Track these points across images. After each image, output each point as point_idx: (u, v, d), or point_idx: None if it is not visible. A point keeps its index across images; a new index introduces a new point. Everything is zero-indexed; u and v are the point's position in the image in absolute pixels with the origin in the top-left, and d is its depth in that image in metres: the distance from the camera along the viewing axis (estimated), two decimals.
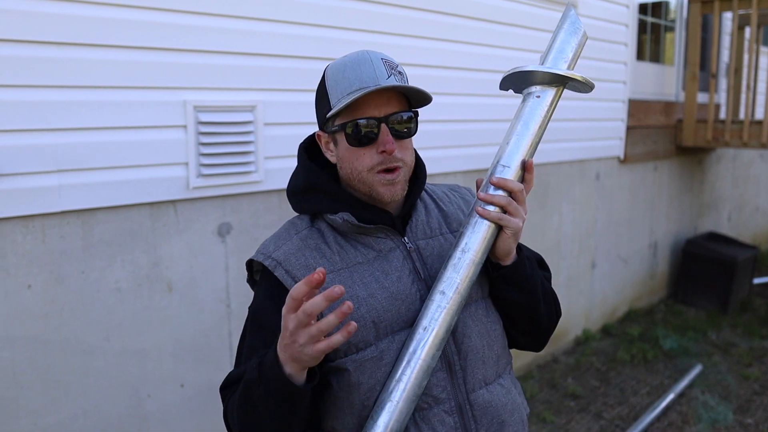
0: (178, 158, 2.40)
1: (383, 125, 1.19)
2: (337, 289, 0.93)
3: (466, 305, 1.26)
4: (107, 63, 2.18)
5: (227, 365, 2.62)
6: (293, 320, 0.98)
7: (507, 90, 1.34)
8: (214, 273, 2.59)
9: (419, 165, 1.34)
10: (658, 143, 5.43)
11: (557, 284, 4.50)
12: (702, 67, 5.68)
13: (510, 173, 1.22)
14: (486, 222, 1.20)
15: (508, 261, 1.27)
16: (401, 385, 1.16)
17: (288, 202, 1.36)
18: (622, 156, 4.99)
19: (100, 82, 2.17)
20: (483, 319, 1.30)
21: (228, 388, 1.24)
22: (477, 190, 1.26)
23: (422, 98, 1.24)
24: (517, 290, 1.29)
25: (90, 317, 2.27)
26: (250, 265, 1.32)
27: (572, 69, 1.27)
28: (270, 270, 1.22)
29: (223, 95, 2.49)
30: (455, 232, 1.34)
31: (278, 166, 2.64)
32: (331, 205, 1.25)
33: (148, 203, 2.37)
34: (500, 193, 1.20)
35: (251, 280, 1.35)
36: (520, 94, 1.31)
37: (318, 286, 0.95)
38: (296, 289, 0.96)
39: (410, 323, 1.22)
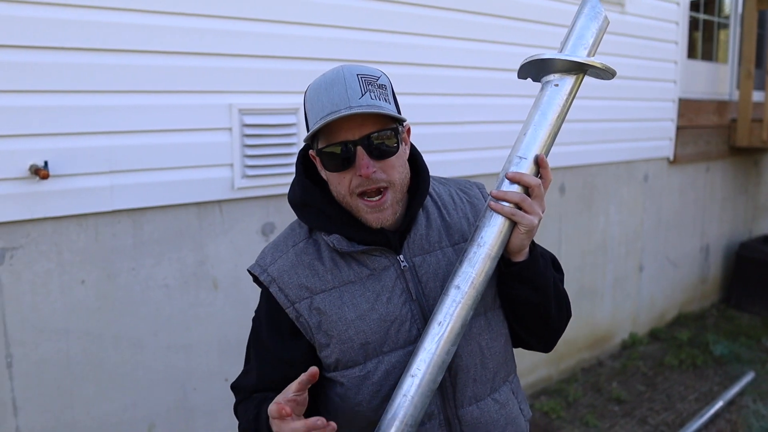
0: (223, 160, 2.48)
1: (359, 148, 1.15)
2: (319, 422, 1.04)
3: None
4: (157, 69, 2.27)
5: None
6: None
7: (525, 78, 1.30)
8: None
9: (421, 174, 1.30)
10: (711, 143, 5.28)
11: (602, 287, 4.44)
12: (758, 64, 5.49)
13: (526, 165, 1.18)
14: (502, 216, 1.18)
15: (520, 258, 1.23)
16: (416, 381, 1.16)
17: None
18: (671, 157, 4.88)
19: (150, 86, 2.26)
20: (477, 337, 1.27)
21: (237, 390, 1.37)
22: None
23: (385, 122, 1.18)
24: (528, 288, 1.26)
25: (140, 313, 2.36)
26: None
27: (593, 55, 1.22)
28: (266, 285, 1.26)
29: (267, 98, 2.56)
30: (456, 245, 1.30)
31: None
32: (325, 224, 1.24)
33: (195, 203, 2.45)
34: (515, 188, 1.17)
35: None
36: (539, 83, 1.26)
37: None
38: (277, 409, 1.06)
39: (400, 344, 1.22)
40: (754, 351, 4.69)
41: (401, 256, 1.25)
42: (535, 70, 1.25)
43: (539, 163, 1.18)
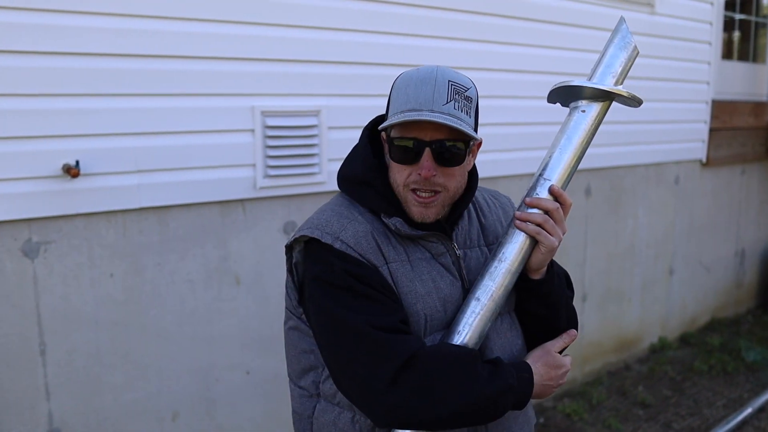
0: (246, 160, 2.57)
1: (427, 149, 1.19)
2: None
3: None
4: (183, 73, 2.38)
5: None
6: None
7: (554, 103, 1.36)
8: (279, 268, 2.74)
9: (472, 177, 1.35)
10: (747, 146, 5.18)
11: (630, 290, 4.40)
12: None
13: (551, 185, 1.27)
14: (524, 234, 1.25)
15: (538, 276, 1.31)
16: None
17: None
18: (704, 159, 4.80)
19: (176, 90, 2.37)
20: (507, 334, 1.34)
21: (414, 369, 1.16)
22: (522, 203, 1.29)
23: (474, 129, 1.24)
24: (542, 305, 1.34)
25: (165, 305, 2.47)
26: (305, 240, 1.26)
27: (621, 83, 1.29)
28: (342, 251, 1.21)
29: (289, 101, 2.64)
30: (491, 245, 1.37)
31: None
32: (385, 206, 1.26)
33: (218, 202, 2.55)
34: (536, 211, 1.25)
35: (293, 254, 1.30)
36: (567, 108, 1.34)
37: None
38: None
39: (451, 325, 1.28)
40: None
41: (455, 244, 1.31)
42: (564, 95, 1.32)
43: (552, 193, 1.26)
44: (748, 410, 3.77)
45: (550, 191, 1.25)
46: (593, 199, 4.05)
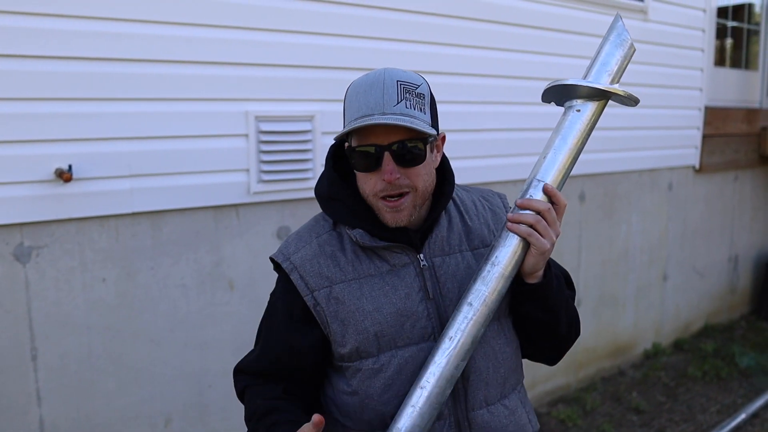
0: (240, 165, 2.57)
1: (386, 153, 1.18)
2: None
3: None
4: (177, 77, 2.38)
5: None
6: None
7: (549, 102, 1.33)
8: (272, 273, 2.71)
9: (446, 177, 1.33)
10: (740, 152, 5.20)
11: (624, 296, 4.41)
12: None
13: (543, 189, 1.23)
14: (517, 236, 1.21)
15: (534, 280, 1.26)
16: (425, 392, 1.19)
17: None
18: (697, 165, 4.83)
19: (170, 94, 2.37)
20: (491, 341, 1.31)
21: (241, 372, 1.41)
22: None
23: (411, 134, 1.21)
24: (539, 308, 1.29)
25: (158, 310, 2.47)
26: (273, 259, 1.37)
27: (617, 82, 1.25)
28: (287, 272, 1.29)
29: (283, 106, 2.65)
30: (476, 249, 1.34)
31: None
32: (349, 219, 1.28)
33: (212, 206, 2.55)
34: (528, 212, 1.21)
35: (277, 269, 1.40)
36: (562, 107, 1.30)
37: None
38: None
39: (414, 340, 1.26)
40: None
41: (421, 255, 1.28)
42: (558, 94, 1.28)
43: (547, 193, 1.22)
44: (742, 416, 3.78)
45: (544, 190, 1.22)
46: (587, 204, 4.06)
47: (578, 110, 1.25)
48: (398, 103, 1.17)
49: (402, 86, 1.19)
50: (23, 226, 2.17)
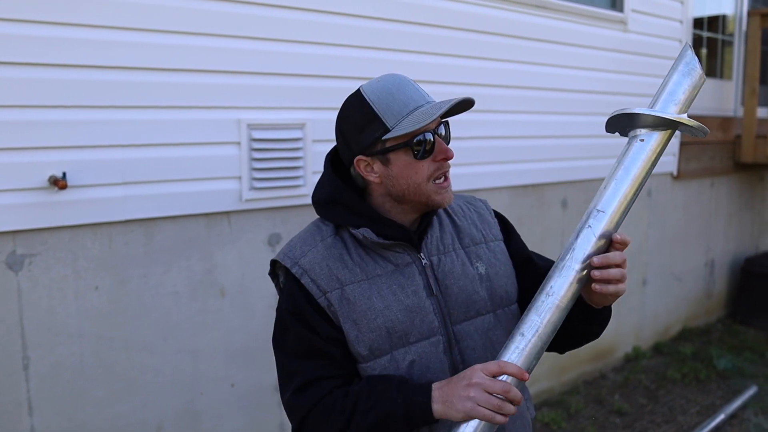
0: (232, 173, 2.59)
1: (436, 136, 1.29)
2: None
3: (472, 319, 1.35)
4: (170, 85, 2.39)
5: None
6: (485, 380, 1.15)
7: (613, 133, 1.31)
8: (264, 280, 2.74)
9: None
10: (715, 159, 5.34)
11: None
12: (762, 81, 5.56)
13: (605, 219, 1.21)
14: (574, 270, 1.20)
15: (598, 308, 1.33)
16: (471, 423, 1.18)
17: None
18: (675, 172, 4.94)
19: (163, 102, 2.38)
20: (489, 332, 1.37)
21: (298, 397, 1.28)
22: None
23: (451, 111, 1.34)
24: (588, 325, 1.38)
25: (150, 318, 2.46)
26: (275, 263, 1.38)
27: (684, 112, 1.22)
28: (296, 277, 1.31)
29: (275, 114, 2.67)
30: (467, 248, 1.41)
31: None
32: (353, 219, 1.33)
33: (204, 214, 2.56)
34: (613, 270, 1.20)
35: (273, 274, 1.41)
36: (626, 137, 1.27)
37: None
38: (509, 367, 1.17)
39: (425, 335, 1.31)
40: (758, 365, 4.71)
41: (422, 254, 1.35)
42: (623, 123, 1.26)
43: (614, 241, 1.22)
44: (721, 417, 3.86)
45: (613, 240, 1.21)
46: (570, 211, 4.13)
47: (642, 140, 1.22)
48: (427, 95, 1.32)
49: (418, 85, 1.33)
50: (16, 233, 2.16)
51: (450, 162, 1.32)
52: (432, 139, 1.28)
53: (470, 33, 3.34)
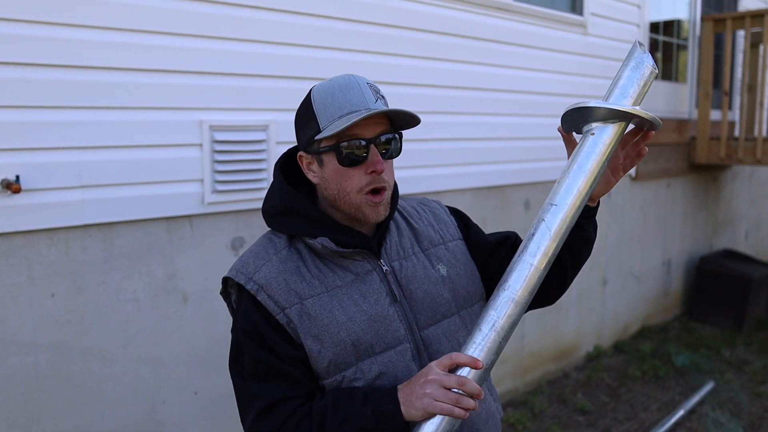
0: (194, 175, 2.52)
1: (372, 146, 1.22)
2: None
3: (438, 323, 1.33)
4: (129, 85, 2.32)
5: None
6: (440, 376, 1.14)
7: (569, 132, 1.32)
8: None
9: (394, 186, 1.37)
10: (671, 161, 5.46)
11: (567, 301, 4.55)
12: (715, 84, 5.72)
13: (559, 213, 1.22)
14: (529, 264, 1.22)
15: (594, 204, 1.37)
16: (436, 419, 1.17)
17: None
18: (633, 173, 5.04)
19: (122, 103, 2.31)
20: (456, 334, 1.35)
21: (262, 421, 1.24)
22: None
23: (406, 121, 1.28)
24: (593, 228, 1.41)
25: (109, 326, 2.38)
26: (227, 280, 1.32)
27: (638, 105, 1.22)
28: (252, 293, 1.24)
29: (237, 115, 2.62)
30: (426, 250, 1.38)
31: None
32: (308, 229, 1.28)
33: (165, 218, 2.49)
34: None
35: (225, 293, 1.36)
36: (581, 134, 1.28)
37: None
38: (461, 358, 1.16)
39: (391, 344, 1.28)
40: (714, 362, 4.83)
41: (382, 261, 1.31)
42: (576, 120, 1.27)
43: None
44: (680, 412, 3.95)
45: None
46: (532, 211, 4.17)
47: (593, 133, 1.23)
48: (376, 101, 1.24)
49: (372, 87, 1.26)
50: None
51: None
52: (364, 146, 1.22)
53: (433, 35, 3.35)
